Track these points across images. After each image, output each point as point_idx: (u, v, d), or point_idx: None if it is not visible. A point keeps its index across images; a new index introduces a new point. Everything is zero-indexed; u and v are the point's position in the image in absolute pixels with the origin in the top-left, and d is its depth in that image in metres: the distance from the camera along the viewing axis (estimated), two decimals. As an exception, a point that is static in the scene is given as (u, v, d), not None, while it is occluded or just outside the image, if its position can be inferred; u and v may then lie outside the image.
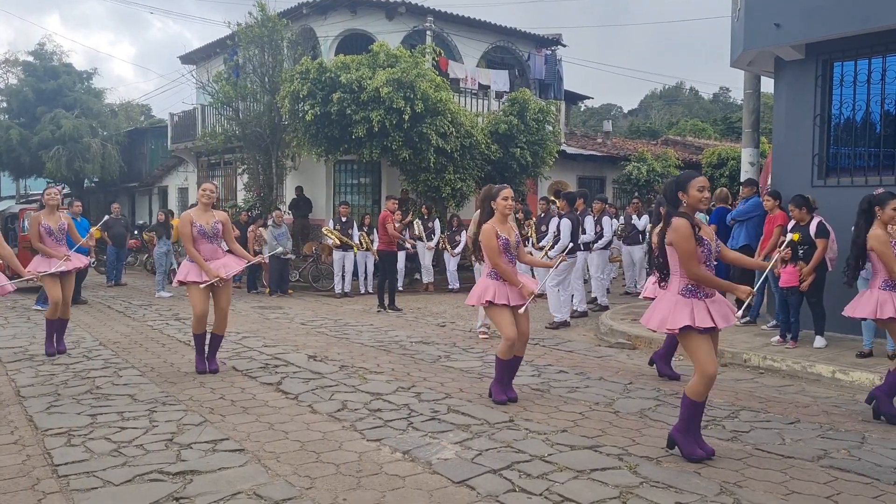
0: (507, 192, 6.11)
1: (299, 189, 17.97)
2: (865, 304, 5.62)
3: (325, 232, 14.83)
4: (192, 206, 7.53)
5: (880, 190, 5.86)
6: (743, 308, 5.67)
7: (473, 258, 9.45)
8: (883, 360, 7.22)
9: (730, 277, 10.61)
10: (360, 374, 7.09)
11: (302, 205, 17.79)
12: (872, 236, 5.55)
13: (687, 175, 4.60)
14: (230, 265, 7.16)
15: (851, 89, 8.83)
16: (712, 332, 4.50)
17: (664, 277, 4.68)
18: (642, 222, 13.71)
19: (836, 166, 9.10)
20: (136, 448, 4.77)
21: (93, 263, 15.32)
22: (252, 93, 17.73)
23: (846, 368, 7.02)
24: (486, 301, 5.96)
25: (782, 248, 5.78)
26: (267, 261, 9.13)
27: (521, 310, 5.94)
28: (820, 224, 7.99)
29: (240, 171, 19.12)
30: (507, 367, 6.03)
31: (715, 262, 4.63)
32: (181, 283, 7.09)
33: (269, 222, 15.14)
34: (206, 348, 7.25)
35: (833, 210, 8.35)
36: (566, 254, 10.33)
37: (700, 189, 4.48)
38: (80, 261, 8.12)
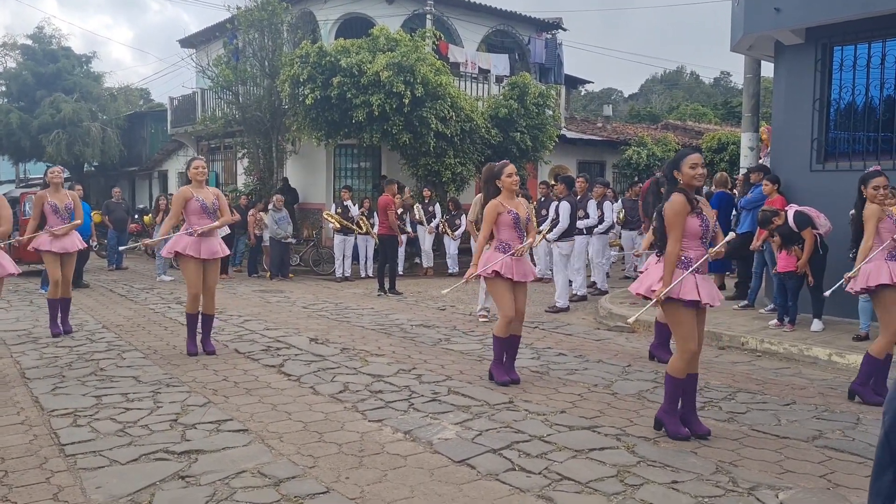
0: (510, 168, 6.11)
1: (285, 180, 17.89)
2: (863, 275, 5.65)
3: (326, 216, 14.89)
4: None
5: (872, 168, 5.92)
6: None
7: (475, 240, 9.53)
8: (879, 343, 7.28)
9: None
10: (362, 356, 7.16)
11: (287, 195, 17.60)
12: (865, 211, 5.63)
13: (680, 153, 4.66)
14: (219, 248, 7.19)
15: (851, 74, 8.85)
16: (698, 309, 4.57)
17: (660, 246, 4.72)
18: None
19: (835, 151, 9.13)
20: (141, 428, 4.84)
21: (94, 247, 15.37)
22: (252, 77, 17.71)
23: (842, 351, 7.10)
24: (493, 271, 5.97)
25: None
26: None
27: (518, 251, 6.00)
28: (797, 214, 7.99)
29: (240, 155, 19.12)
30: (505, 346, 6.08)
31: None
32: (176, 253, 7.08)
33: (270, 206, 15.18)
34: (200, 331, 7.33)
35: (832, 195, 8.40)
36: (565, 237, 10.47)
37: (692, 166, 4.51)
38: (81, 242, 8.27)
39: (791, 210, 8.10)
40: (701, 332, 4.70)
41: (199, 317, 7.29)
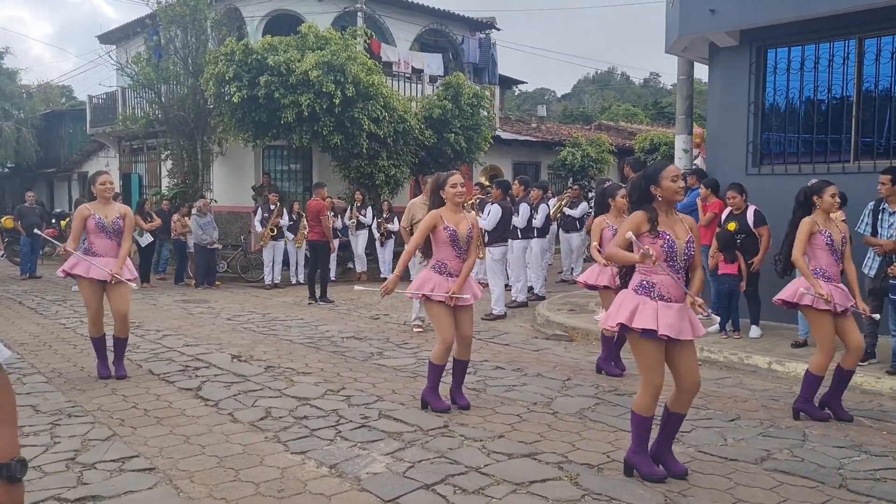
0: (456, 178, 5.61)
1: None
2: (786, 288, 5.51)
3: (262, 240, 14.18)
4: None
5: (814, 181, 5.75)
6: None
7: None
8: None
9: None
10: (287, 375, 6.70)
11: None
12: (801, 223, 5.43)
13: (657, 166, 4.25)
14: (121, 270, 6.52)
15: (785, 76, 8.80)
16: (668, 341, 4.05)
17: (625, 279, 4.29)
18: (578, 210, 13.59)
19: (769, 153, 9.08)
20: (33, 470, 4.29)
21: (1, 255, 14.42)
22: (175, 75, 16.92)
23: (782, 359, 6.99)
24: (423, 295, 5.58)
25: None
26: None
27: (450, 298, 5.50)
28: (757, 212, 7.95)
29: (163, 156, 18.29)
30: (441, 373, 5.60)
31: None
32: (67, 273, 6.52)
33: (194, 211, 14.49)
34: (112, 351, 6.73)
35: (766, 198, 8.31)
36: (499, 241, 10.20)
37: (674, 179, 4.10)
38: None
39: (752, 209, 7.99)
40: (690, 366, 4.13)
41: (111, 338, 6.73)
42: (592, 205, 14.17)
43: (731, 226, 8.10)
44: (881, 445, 4.84)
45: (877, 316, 5.94)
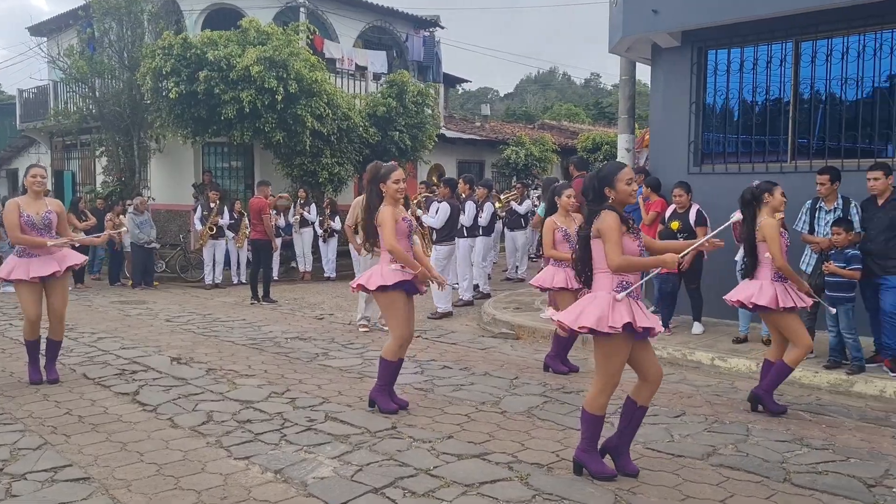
0: (398, 174, 5.44)
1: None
2: (764, 292, 5.42)
3: (201, 240, 13.81)
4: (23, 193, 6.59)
5: (756, 182, 5.82)
6: None
7: (355, 246, 8.97)
8: (757, 346, 7.38)
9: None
10: (229, 378, 6.52)
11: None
12: (765, 224, 5.47)
13: (611, 168, 4.18)
14: (66, 258, 6.31)
15: (725, 77, 8.96)
16: (637, 339, 4.10)
17: (585, 277, 4.20)
18: (523, 207, 13.64)
19: (710, 153, 9.24)
20: (-44, 482, 4.08)
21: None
22: (109, 69, 16.39)
23: (724, 355, 7.11)
24: (380, 286, 5.38)
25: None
26: (117, 239, 7.98)
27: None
28: (699, 212, 8.08)
29: (98, 153, 17.71)
30: (394, 370, 5.49)
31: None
32: (5, 280, 6.31)
33: (130, 209, 14.06)
34: (44, 355, 6.45)
35: (707, 196, 8.45)
36: (445, 240, 10.16)
37: (628, 182, 4.07)
38: None
39: (695, 208, 8.10)
40: (653, 358, 4.25)
41: (45, 341, 6.44)
42: (537, 201, 14.29)
43: (675, 225, 8.21)
44: (821, 439, 4.95)
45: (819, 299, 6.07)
